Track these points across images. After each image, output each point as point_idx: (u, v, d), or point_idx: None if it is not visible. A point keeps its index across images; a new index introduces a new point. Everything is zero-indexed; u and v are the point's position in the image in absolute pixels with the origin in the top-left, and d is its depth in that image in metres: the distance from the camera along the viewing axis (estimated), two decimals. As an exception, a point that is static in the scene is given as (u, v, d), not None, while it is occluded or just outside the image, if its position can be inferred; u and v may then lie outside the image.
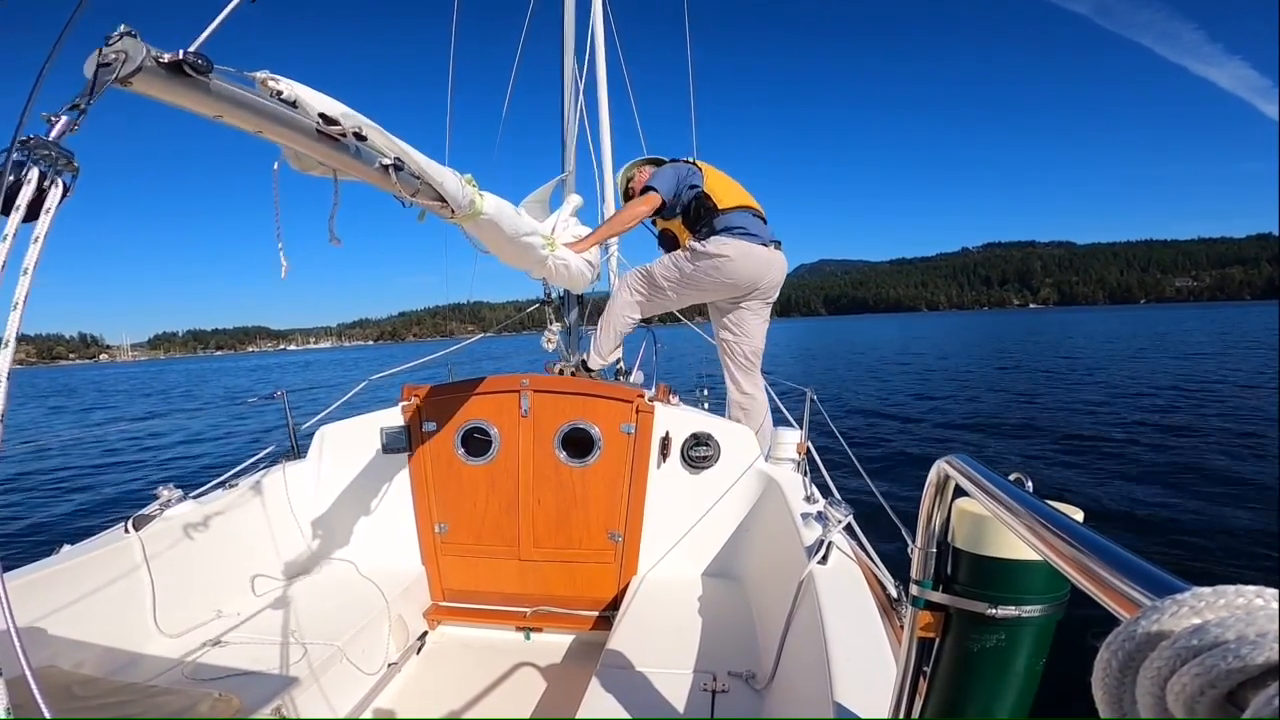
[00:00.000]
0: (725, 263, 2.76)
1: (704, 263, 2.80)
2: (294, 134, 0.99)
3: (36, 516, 7.10)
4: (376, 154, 1.17)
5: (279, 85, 0.94)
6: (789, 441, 2.45)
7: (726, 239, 2.77)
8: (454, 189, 1.40)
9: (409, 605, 2.33)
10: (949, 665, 0.70)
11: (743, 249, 2.77)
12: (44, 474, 9.76)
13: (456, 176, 1.42)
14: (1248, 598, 0.25)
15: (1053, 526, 0.43)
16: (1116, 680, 0.28)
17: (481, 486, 2.49)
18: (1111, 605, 0.34)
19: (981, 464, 0.61)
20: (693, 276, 2.84)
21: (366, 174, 1.17)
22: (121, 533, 1.93)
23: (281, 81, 0.95)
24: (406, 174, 1.24)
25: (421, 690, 2.12)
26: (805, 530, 1.78)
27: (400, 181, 1.22)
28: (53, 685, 1.36)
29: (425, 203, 1.38)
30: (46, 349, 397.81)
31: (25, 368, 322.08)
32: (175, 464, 10.09)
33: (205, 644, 1.88)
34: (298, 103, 0.97)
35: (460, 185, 1.43)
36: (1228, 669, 0.22)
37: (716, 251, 2.77)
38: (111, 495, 7.99)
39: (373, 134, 1.13)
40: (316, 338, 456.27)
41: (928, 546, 0.71)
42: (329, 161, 1.09)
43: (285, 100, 0.95)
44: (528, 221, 1.92)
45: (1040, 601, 0.65)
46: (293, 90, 0.96)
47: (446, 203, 1.41)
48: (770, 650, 1.61)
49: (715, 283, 2.83)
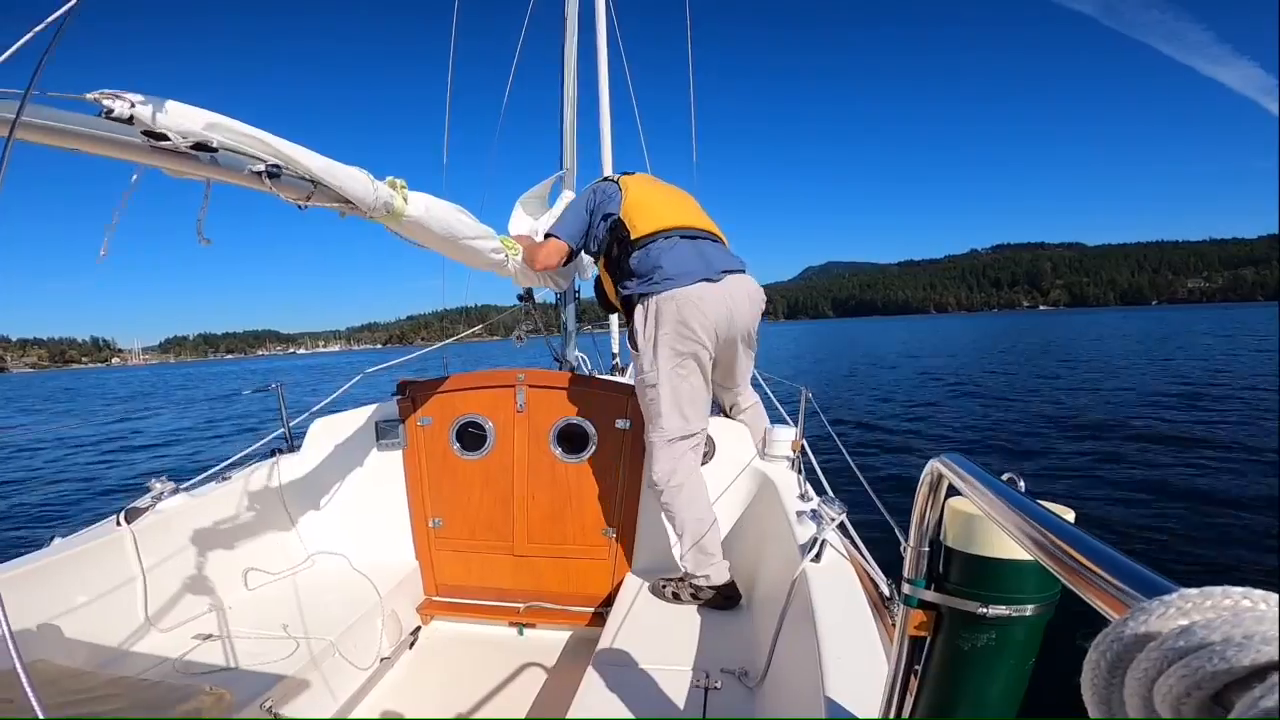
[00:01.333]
0: (670, 336, 1.95)
1: (651, 353, 1.98)
2: (119, 150, 0.97)
3: (27, 509, 7.05)
4: (245, 160, 1.15)
5: (114, 103, 0.91)
6: (783, 439, 2.45)
7: (650, 294, 1.97)
8: (359, 191, 1.37)
9: (402, 600, 2.33)
10: (940, 664, 0.70)
11: (679, 304, 1.94)
12: (34, 467, 9.70)
13: (366, 177, 1.40)
14: (1234, 599, 0.25)
15: (1044, 526, 0.43)
16: (1105, 680, 0.28)
17: (476, 481, 2.49)
18: (1101, 605, 0.34)
19: (974, 463, 0.61)
20: (672, 376, 1.98)
21: (236, 179, 1.16)
22: (113, 525, 1.92)
23: (121, 98, 0.92)
24: (290, 178, 1.22)
25: (414, 685, 2.12)
26: (799, 528, 1.78)
27: (280, 187, 1.20)
28: (43, 679, 1.36)
29: (329, 205, 1.35)
30: (59, 352, 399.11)
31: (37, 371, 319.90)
32: (167, 457, 10.04)
33: (197, 638, 1.88)
34: (134, 119, 0.95)
35: (371, 187, 1.40)
36: (1214, 670, 0.22)
37: (644, 327, 1.99)
38: (102, 488, 7.95)
39: (240, 140, 1.12)
40: (325, 341, 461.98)
41: (920, 545, 0.71)
42: (182, 171, 1.08)
43: (116, 118, 0.93)
44: (470, 225, 1.84)
45: (1031, 601, 0.66)
46: (130, 106, 0.93)
47: (354, 204, 1.38)
48: (763, 648, 1.62)
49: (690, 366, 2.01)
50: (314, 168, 1.25)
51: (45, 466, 9.73)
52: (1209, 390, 11.53)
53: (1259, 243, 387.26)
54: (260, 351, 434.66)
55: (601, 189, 2.20)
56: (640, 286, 2.01)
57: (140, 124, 0.96)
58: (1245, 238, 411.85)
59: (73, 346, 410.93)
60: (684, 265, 1.98)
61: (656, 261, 1.98)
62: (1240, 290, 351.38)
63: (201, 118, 1.04)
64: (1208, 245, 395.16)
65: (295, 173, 1.23)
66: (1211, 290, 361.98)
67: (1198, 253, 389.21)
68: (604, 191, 2.19)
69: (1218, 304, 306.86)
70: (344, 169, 1.33)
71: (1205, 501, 5.18)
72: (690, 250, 2.02)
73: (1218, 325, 41.13)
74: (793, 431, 2.48)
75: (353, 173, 1.36)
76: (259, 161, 1.16)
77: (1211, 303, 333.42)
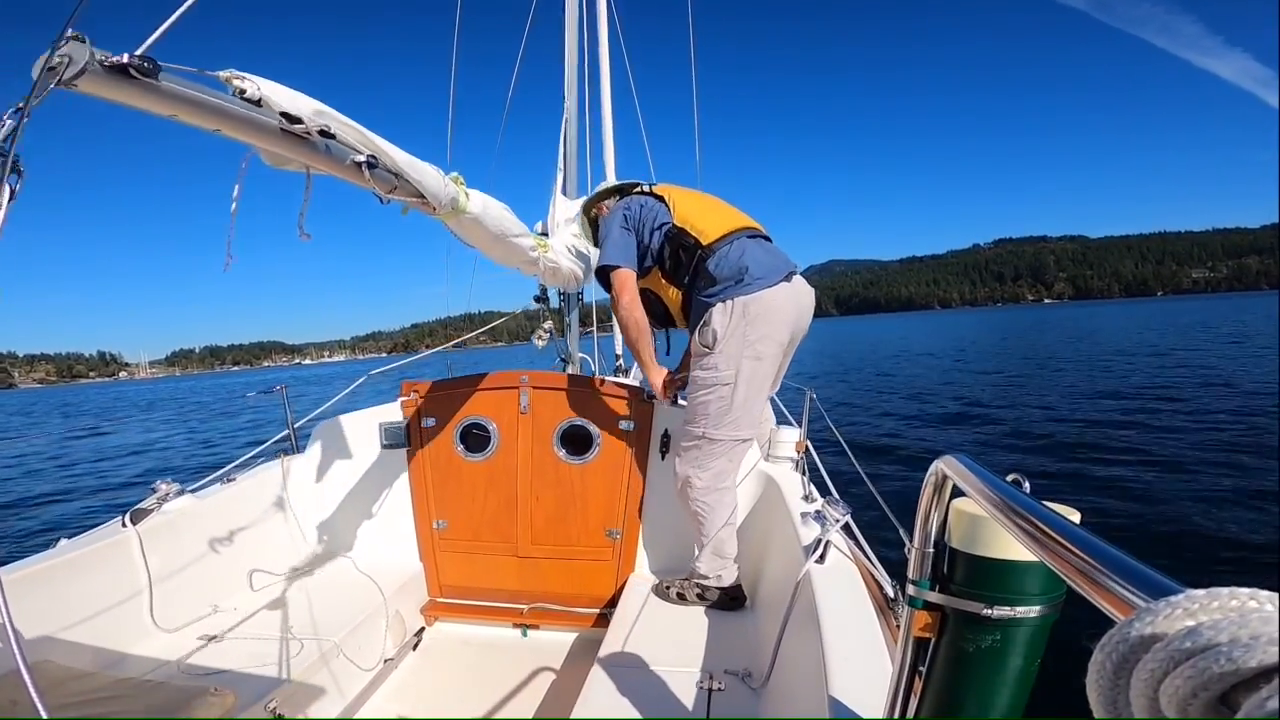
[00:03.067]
0: (756, 337, 1.94)
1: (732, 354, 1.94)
2: (255, 132, 0.99)
3: (33, 511, 7.09)
4: (348, 150, 1.17)
5: (243, 84, 0.94)
6: (788, 440, 2.45)
7: (735, 296, 1.94)
8: (435, 186, 1.40)
9: (406, 601, 2.33)
10: (944, 665, 0.70)
11: (766, 305, 1.94)
12: (39, 470, 9.74)
13: (439, 174, 1.43)
14: (1241, 600, 0.25)
15: (1049, 527, 0.43)
16: (1110, 682, 0.28)
17: (480, 483, 2.49)
18: (1106, 606, 0.34)
19: (979, 464, 0.61)
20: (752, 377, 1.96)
21: (339, 170, 1.17)
22: (119, 527, 1.93)
23: (248, 80, 0.95)
24: (382, 170, 1.24)
25: (418, 687, 2.12)
26: (803, 529, 1.78)
27: (374, 178, 1.22)
28: (48, 680, 1.36)
29: (405, 199, 1.38)
30: (66, 367, 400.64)
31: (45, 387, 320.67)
32: (173, 458, 10.08)
33: (201, 639, 1.88)
34: (263, 101, 0.97)
35: (442, 183, 1.43)
36: (1220, 671, 0.22)
37: (726, 327, 1.94)
38: (108, 488, 7.99)
39: (345, 130, 1.14)
40: (330, 351, 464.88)
41: (924, 546, 0.71)
42: (297, 158, 1.10)
43: (249, 99, 0.95)
44: (516, 222, 1.91)
45: (1036, 602, 0.65)
46: (258, 88, 0.96)
47: (427, 199, 1.40)
48: (767, 649, 1.62)
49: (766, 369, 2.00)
50: (400, 161, 1.27)
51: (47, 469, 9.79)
52: (1217, 388, 11.47)
53: (1262, 232, 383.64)
54: (266, 363, 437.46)
55: (636, 204, 2.12)
56: (729, 290, 1.95)
57: (271, 105, 0.98)
58: (1248, 227, 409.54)
59: (80, 361, 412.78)
60: (766, 266, 1.98)
61: (741, 263, 1.96)
62: (1245, 279, 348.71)
63: (311, 105, 1.06)
64: (1211, 235, 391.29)
65: (385, 166, 1.25)
66: (1216, 280, 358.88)
67: (1201, 242, 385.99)
68: (641, 206, 2.11)
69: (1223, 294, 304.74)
70: (423, 165, 1.36)
71: (1214, 504, 5.15)
72: (763, 251, 2.03)
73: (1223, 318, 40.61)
74: (797, 433, 2.47)
75: (429, 169, 1.39)
76: (359, 153, 1.18)
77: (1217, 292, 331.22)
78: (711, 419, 2.00)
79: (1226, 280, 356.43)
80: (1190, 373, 14.04)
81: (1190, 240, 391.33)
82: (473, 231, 1.67)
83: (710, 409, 2.00)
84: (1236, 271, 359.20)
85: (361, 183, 1.22)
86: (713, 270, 1.98)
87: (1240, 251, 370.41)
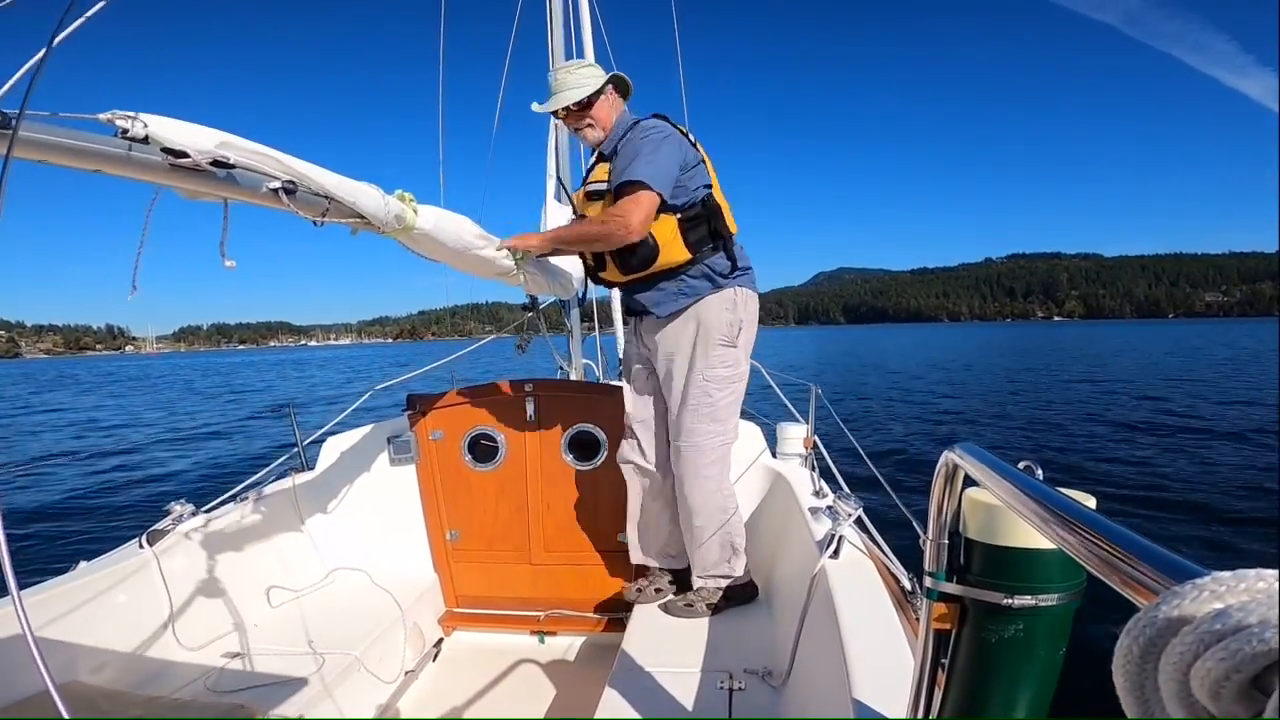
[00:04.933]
0: (749, 334, 1.94)
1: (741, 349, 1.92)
2: (139, 170, 0.98)
3: (50, 532, 7.14)
4: (260, 178, 1.15)
5: (126, 123, 0.92)
6: (795, 436, 2.44)
7: (749, 290, 1.91)
8: (372, 206, 1.37)
9: (423, 613, 2.34)
10: (967, 657, 0.69)
11: (756, 305, 1.96)
12: (55, 490, 9.82)
13: (377, 192, 1.40)
14: (1269, 581, 0.25)
15: (1065, 514, 0.43)
16: (1138, 667, 0.28)
17: (490, 492, 2.49)
18: (1128, 592, 0.34)
19: (989, 453, 0.60)
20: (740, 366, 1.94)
21: (254, 198, 1.16)
22: (136, 548, 1.94)
23: (135, 119, 0.93)
24: (305, 195, 1.22)
25: (439, 697, 2.13)
26: (815, 525, 1.78)
27: (296, 204, 1.20)
28: (78, 700, 1.38)
29: (344, 221, 1.35)
30: (74, 339, 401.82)
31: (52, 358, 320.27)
32: (184, 477, 10.13)
33: (224, 656, 1.90)
34: (149, 138, 0.95)
35: (382, 202, 1.40)
36: (1253, 653, 0.22)
37: (733, 318, 1.88)
38: (120, 507, 8.04)
39: (254, 158, 1.11)
40: (337, 334, 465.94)
41: (939, 538, 0.70)
42: (202, 190, 1.08)
43: (131, 138, 0.93)
44: (478, 235, 1.79)
45: (1057, 590, 0.65)
46: (145, 126, 0.94)
47: (367, 220, 1.38)
48: (785, 646, 1.61)
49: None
50: (327, 184, 1.25)
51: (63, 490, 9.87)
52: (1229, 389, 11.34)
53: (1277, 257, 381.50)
54: (273, 342, 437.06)
55: (688, 147, 1.84)
56: (742, 278, 1.89)
57: (157, 142, 0.97)
58: (1265, 251, 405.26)
59: (88, 334, 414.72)
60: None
61: (747, 259, 1.92)
62: (1257, 305, 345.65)
63: (213, 137, 1.05)
64: (1226, 258, 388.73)
65: (309, 189, 1.24)
66: (1229, 304, 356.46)
67: (1216, 265, 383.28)
68: (691, 153, 1.84)
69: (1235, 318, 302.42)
70: (356, 184, 1.34)
71: (1230, 489, 5.10)
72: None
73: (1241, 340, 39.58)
74: (803, 429, 2.47)
75: (365, 188, 1.36)
76: (274, 179, 1.16)
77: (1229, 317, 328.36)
78: (715, 424, 1.91)
79: (1239, 305, 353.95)
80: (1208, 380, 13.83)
81: (1206, 263, 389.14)
82: (429, 247, 1.62)
83: (718, 412, 1.91)
84: (1249, 296, 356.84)
85: (283, 208, 1.20)
86: (736, 254, 1.88)
87: (1255, 276, 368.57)
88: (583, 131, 1.91)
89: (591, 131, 1.91)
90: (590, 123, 1.90)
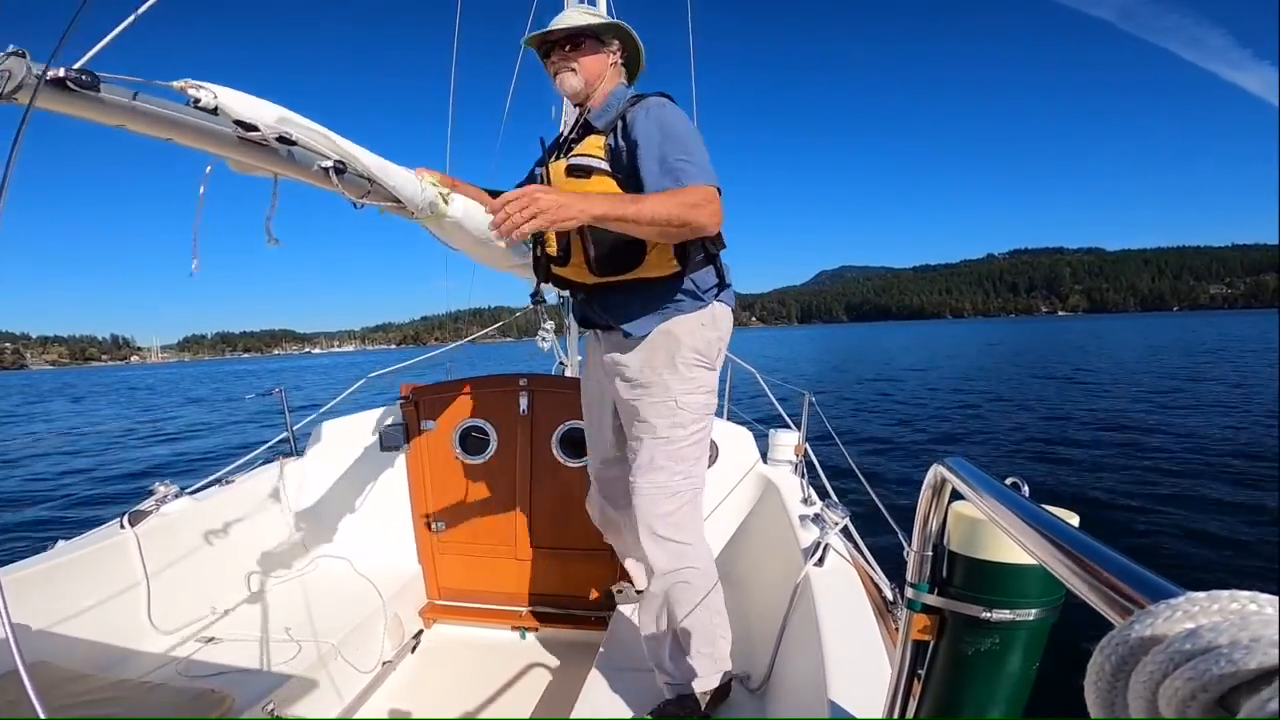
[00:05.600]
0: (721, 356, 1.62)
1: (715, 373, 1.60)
2: (210, 140, 0.99)
3: (30, 512, 7.07)
4: (314, 156, 1.16)
5: (199, 93, 0.93)
6: (786, 443, 2.45)
7: (728, 307, 1.60)
8: (410, 191, 1.39)
9: (405, 604, 2.33)
10: (943, 668, 0.70)
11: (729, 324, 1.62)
12: (36, 471, 9.73)
13: (416, 178, 1.42)
14: (1241, 603, 0.25)
15: (1047, 531, 0.43)
16: (1109, 683, 0.28)
17: (479, 486, 2.49)
18: (1105, 609, 0.34)
19: (977, 467, 0.61)
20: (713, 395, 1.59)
21: (305, 176, 1.17)
22: (117, 528, 1.92)
23: (204, 88, 0.94)
24: (351, 175, 1.24)
25: (417, 689, 2.12)
26: (802, 532, 1.78)
27: (344, 184, 1.21)
28: (46, 681, 1.36)
29: (380, 204, 1.37)
30: (79, 350, 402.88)
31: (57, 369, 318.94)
32: (171, 460, 10.06)
33: (200, 640, 1.88)
34: (219, 109, 0.96)
35: (419, 187, 1.42)
36: (1220, 673, 0.22)
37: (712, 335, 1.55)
38: (105, 491, 7.97)
39: (310, 136, 1.13)
40: (340, 341, 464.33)
41: (923, 550, 0.71)
42: (260, 165, 1.09)
43: (203, 108, 0.95)
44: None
45: (1035, 605, 0.65)
46: (215, 96, 0.95)
47: (403, 204, 1.40)
48: (766, 652, 1.61)
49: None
50: (371, 166, 1.27)
51: (44, 471, 9.77)
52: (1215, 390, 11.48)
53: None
54: (276, 351, 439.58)
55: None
56: (724, 294, 1.58)
57: (227, 114, 0.98)
58: (1268, 243, 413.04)
59: (92, 344, 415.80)
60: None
61: (729, 275, 1.59)
62: (1261, 296, 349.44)
63: (274, 111, 1.05)
64: (1230, 250, 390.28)
65: (355, 171, 1.25)
66: (1234, 296, 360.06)
67: (1220, 258, 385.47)
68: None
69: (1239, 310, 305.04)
70: (397, 169, 1.36)
71: (1213, 509, 5.15)
72: None
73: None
74: (795, 436, 2.47)
75: (405, 173, 1.38)
76: (326, 158, 1.17)
77: (1233, 309, 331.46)
78: (688, 463, 1.53)
79: (1243, 296, 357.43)
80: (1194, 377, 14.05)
81: (1209, 255, 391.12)
82: (455, 235, 1.65)
83: (705, 445, 1.57)
84: (1254, 288, 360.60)
85: (331, 188, 1.21)
86: (722, 265, 1.56)
87: (1259, 268, 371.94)
88: (562, 75, 1.57)
89: (572, 77, 1.57)
90: (574, 67, 1.56)
